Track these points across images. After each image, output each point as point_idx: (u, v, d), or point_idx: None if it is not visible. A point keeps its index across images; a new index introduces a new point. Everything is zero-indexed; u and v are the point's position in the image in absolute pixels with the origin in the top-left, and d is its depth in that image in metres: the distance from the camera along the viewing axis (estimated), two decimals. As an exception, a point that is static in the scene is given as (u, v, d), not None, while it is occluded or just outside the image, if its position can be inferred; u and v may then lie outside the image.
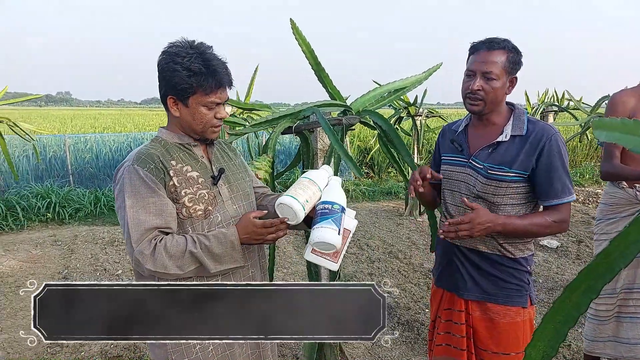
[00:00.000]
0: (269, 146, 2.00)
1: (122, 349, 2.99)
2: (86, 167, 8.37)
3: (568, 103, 6.41)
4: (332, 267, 1.36)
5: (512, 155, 1.56)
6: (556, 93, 6.69)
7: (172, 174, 1.34)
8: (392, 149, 2.13)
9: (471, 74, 1.59)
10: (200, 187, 1.38)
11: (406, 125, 8.06)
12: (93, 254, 4.87)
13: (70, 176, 8.02)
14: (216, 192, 1.42)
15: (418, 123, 6.30)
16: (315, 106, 2.01)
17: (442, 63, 2.27)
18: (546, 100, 6.63)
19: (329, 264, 1.35)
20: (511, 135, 1.57)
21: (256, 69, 4.56)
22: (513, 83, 1.60)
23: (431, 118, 7.05)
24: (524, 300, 1.63)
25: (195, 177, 1.39)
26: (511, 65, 1.55)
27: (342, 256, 1.39)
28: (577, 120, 6.25)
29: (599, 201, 2.41)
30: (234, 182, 1.50)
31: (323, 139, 2.12)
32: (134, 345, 3.02)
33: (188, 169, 1.39)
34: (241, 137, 2.22)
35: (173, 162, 1.36)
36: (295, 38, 2.00)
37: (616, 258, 0.45)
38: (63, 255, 4.90)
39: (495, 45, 1.54)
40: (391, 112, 6.19)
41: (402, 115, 6.16)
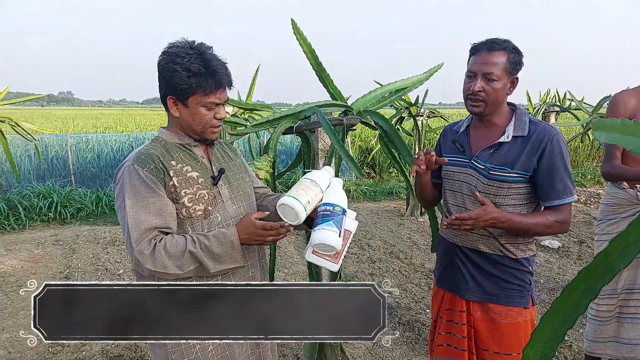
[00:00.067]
0: (270, 146, 2.00)
1: (123, 349, 3.00)
2: (88, 167, 8.38)
3: (570, 103, 6.40)
4: (333, 268, 1.36)
5: (514, 156, 1.55)
6: (558, 93, 6.67)
7: (172, 174, 1.34)
8: (393, 149, 2.12)
9: (472, 75, 1.58)
10: (200, 187, 1.38)
11: (407, 125, 8.05)
12: (94, 254, 4.88)
13: (72, 176, 8.03)
14: (216, 193, 1.42)
15: (419, 123, 6.29)
16: (316, 106, 2.01)
17: (444, 63, 2.27)
18: (548, 100, 6.61)
19: (330, 265, 1.35)
20: (513, 136, 1.57)
21: (257, 69, 4.55)
22: (514, 83, 1.60)
23: (432, 118, 7.04)
24: (526, 300, 1.63)
25: (195, 177, 1.39)
26: (512, 65, 1.55)
27: (343, 257, 1.39)
28: (579, 120, 6.23)
29: (600, 202, 2.41)
30: (234, 183, 1.50)
31: (324, 139, 2.11)
32: (135, 344, 3.03)
33: (188, 169, 1.39)
34: (242, 137, 2.22)
35: (173, 162, 1.36)
36: (296, 38, 2.00)
37: (616, 259, 0.45)
38: (64, 254, 4.91)
39: (495, 46, 1.54)
40: (392, 112, 6.18)
41: (404, 115, 6.15)
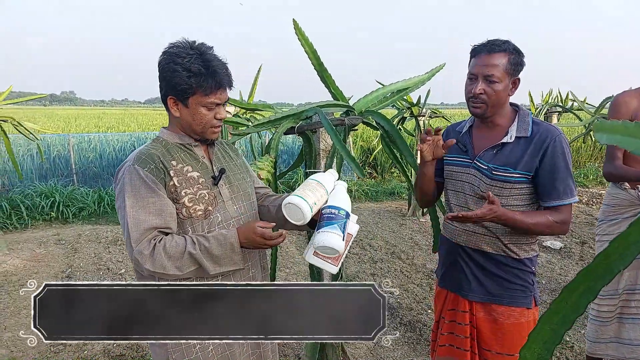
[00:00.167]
0: (272, 146, 2.00)
1: (125, 348, 3.00)
2: (90, 167, 8.41)
3: (572, 104, 6.39)
4: (332, 270, 1.36)
5: (517, 156, 1.55)
6: (560, 94, 6.66)
7: (173, 174, 1.35)
8: (395, 150, 2.12)
9: (473, 77, 1.58)
10: (200, 187, 1.38)
11: (409, 125, 8.05)
12: (96, 253, 4.89)
13: (74, 175, 8.05)
14: (216, 193, 1.42)
15: (421, 123, 6.29)
16: (318, 106, 2.01)
17: (445, 64, 2.26)
18: (550, 100, 6.60)
19: (330, 267, 1.35)
20: (516, 136, 1.57)
21: (259, 69, 4.55)
22: (516, 84, 1.59)
23: (434, 118, 7.03)
24: (529, 301, 1.63)
25: (195, 177, 1.39)
26: (513, 67, 1.55)
27: (342, 260, 1.39)
28: (581, 121, 6.22)
29: (602, 202, 2.41)
30: (235, 183, 1.50)
31: (326, 140, 2.11)
32: (137, 344, 3.03)
33: (189, 169, 1.39)
34: (244, 137, 2.22)
35: (174, 162, 1.37)
36: (298, 38, 2.00)
37: (616, 259, 0.45)
38: (66, 254, 4.92)
39: (496, 48, 1.54)
40: (394, 113, 6.18)
41: (405, 115, 6.15)
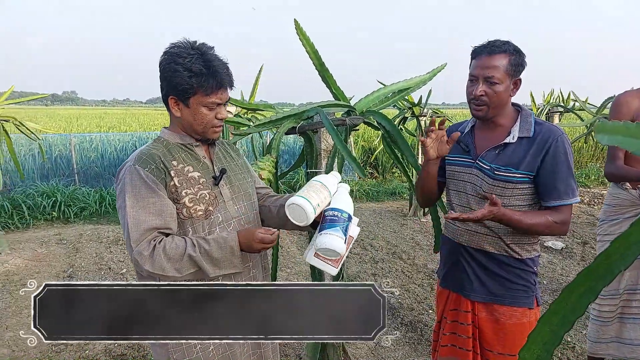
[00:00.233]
0: (273, 146, 2.00)
1: (127, 348, 3.01)
2: (91, 167, 8.42)
3: (574, 104, 6.38)
4: (332, 272, 1.36)
5: (519, 156, 1.55)
6: (562, 94, 6.66)
7: (173, 174, 1.35)
8: (396, 150, 2.12)
9: (474, 79, 1.58)
10: (201, 188, 1.38)
11: (411, 125, 8.05)
12: (98, 253, 4.90)
13: (75, 175, 8.07)
14: (217, 193, 1.42)
15: (422, 123, 6.28)
16: (319, 106, 2.01)
17: (447, 64, 2.26)
18: (551, 100, 6.60)
19: (330, 269, 1.35)
20: (518, 137, 1.57)
21: (261, 69, 4.55)
22: (517, 85, 1.59)
23: (434, 117, 7.03)
24: (530, 301, 1.63)
25: (196, 178, 1.39)
26: (513, 68, 1.54)
27: (343, 261, 1.39)
28: (583, 121, 6.22)
29: (603, 202, 2.41)
30: (236, 183, 1.50)
31: (327, 140, 2.11)
32: (138, 343, 3.03)
33: (189, 169, 1.39)
34: (245, 137, 2.22)
35: (174, 163, 1.37)
36: (299, 38, 2.00)
37: (617, 260, 0.45)
38: (68, 254, 4.93)
39: (496, 49, 1.53)
40: (395, 113, 6.18)
41: (407, 115, 6.15)
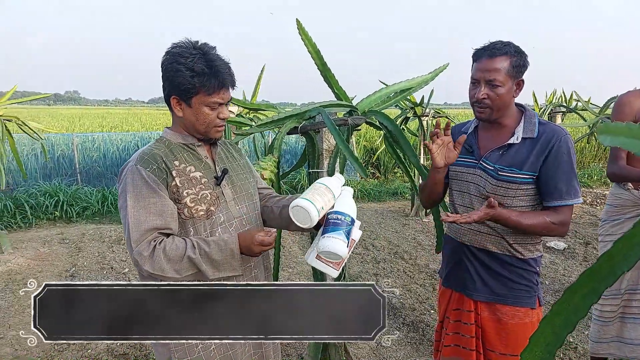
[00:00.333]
0: (275, 146, 2.00)
1: (128, 347, 3.01)
2: (94, 166, 8.44)
3: (576, 104, 6.37)
4: (333, 274, 1.36)
5: (523, 157, 1.55)
6: (564, 94, 6.64)
7: (175, 174, 1.35)
8: (398, 150, 2.12)
9: (475, 82, 1.58)
10: (203, 188, 1.39)
11: (412, 125, 8.04)
12: (100, 252, 4.91)
13: (77, 175, 8.09)
14: (219, 193, 1.42)
15: (424, 123, 6.28)
16: (321, 106, 2.01)
17: (449, 64, 2.26)
18: (554, 100, 6.59)
19: (331, 271, 1.36)
20: (522, 137, 1.57)
21: (262, 69, 4.55)
22: (520, 86, 1.58)
23: (438, 118, 7.03)
24: (533, 301, 1.63)
25: (198, 178, 1.39)
26: (515, 69, 1.53)
27: (344, 264, 1.39)
28: (585, 121, 6.20)
29: (605, 202, 2.41)
30: (238, 183, 1.50)
31: (329, 139, 2.11)
32: (140, 343, 3.04)
33: (191, 169, 1.39)
34: (247, 137, 2.23)
35: (176, 163, 1.37)
36: (301, 38, 2.00)
37: (619, 261, 0.45)
38: (70, 253, 4.94)
39: (496, 52, 1.52)
40: (397, 113, 6.18)
41: (409, 115, 6.14)
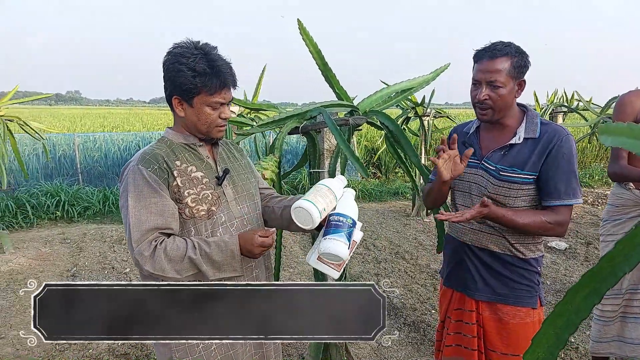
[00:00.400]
0: (276, 146, 2.00)
1: (130, 347, 3.01)
2: (95, 166, 8.45)
3: (577, 104, 6.36)
4: (334, 275, 1.36)
5: (525, 157, 1.55)
6: (565, 94, 6.63)
7: (176, 174, 1.35)
8: (399, 150, 2.12)
9: (477, 83, 1.58)
10: (204, 188, 1.39)
11: (414, 125, 8.04)
12: (101, 252, 4.91)
13: (79, 175, 8.10)
14: (220, 193, 1.43)
15: (425, 123, 6.28)
16: (322, 106, 2.01)
17: (450, 64, 2.26)
18: (555, 100, 6.58)
19: (332, 272, 1.36)
20: (524, 137, 1.57)
21: (264, 69, 4.56)
22: (522, 86, 1.58)
23: (439, 118, 7.01)
24: (534, 301, 1.63)
25: (199, 178, 1.39)
26: (516, 70, 1.53)
27: (345, 265, 1.39)
28: (587, 121, 6.19)
29: (606, 202, 2.41)
30: (239, 183, 1.50)
31: (330, 139, 2.11)
32: (141, 343, 3.04)
33: (193, 169, 1.39)
34: (248, 137, 2.23)
35: (178, 163, 1.37)
36: (302, 38, 2.00)
37: (621, 262, 0.44)
38: (72, 253, 4.94)
39: (497, 53, 1.52)
40: (399, 112, 6.18)
41: (410, 115, 6.14)
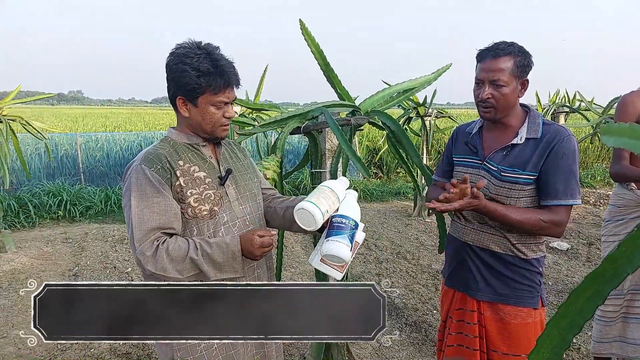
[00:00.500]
0: (278, 146, 2.00)
1: (131, 347, 3.02)
2: (97, 166, 8.46)
3: (579, 104, 6.35)
4: (337, 277, 1.37)
5: (526, 157, 1.55)
6: (567, 94, 6.62)
7: (179, 174, 1.36)
8: (401, 150, 2.12)
9: (480, 83, 1.58)
10: (206, 188, 1.39)
11: (415, 125, 8.04)
12: (103, 252, 4.92)
13: (81, 174, 8.11)
14: (223, 193, 1.43)
15: (427, 123, 6.27)
16: (324, 106, 2.01)
17: (452, 64, 2.25)
18: (557, 101, 6.57)
19: (335, 274, 1.36)
20: (526, 138, 1.57)
21: (265, 69, 4.57)
22: (525, 86, 1.59)
23: (440, 118, 7.02)
24: (535, 301, 1.63)
25: (202, 178, 1.40)
26: (519, 69, 1.54)
27: (348, 266, 1.40)
28: (589, 121, 6.18)
29: (608, 202, 2.40)
30: (242, 183, 1.51)
31: (331, 139, 2.11)
32: (142, 342, 3.04)
33: (195, 169, 1.40)
34: (250, 137, 2.23)
35: (181, 162, 1.38)
36: (304, 38, 2.00)
37: (623, 263, 0.44)
38: (74, 252, 4.95)
39: (500, 52, 1.53)
40: (400, 113, 6.18)
41: (412, 115, 6.14)
